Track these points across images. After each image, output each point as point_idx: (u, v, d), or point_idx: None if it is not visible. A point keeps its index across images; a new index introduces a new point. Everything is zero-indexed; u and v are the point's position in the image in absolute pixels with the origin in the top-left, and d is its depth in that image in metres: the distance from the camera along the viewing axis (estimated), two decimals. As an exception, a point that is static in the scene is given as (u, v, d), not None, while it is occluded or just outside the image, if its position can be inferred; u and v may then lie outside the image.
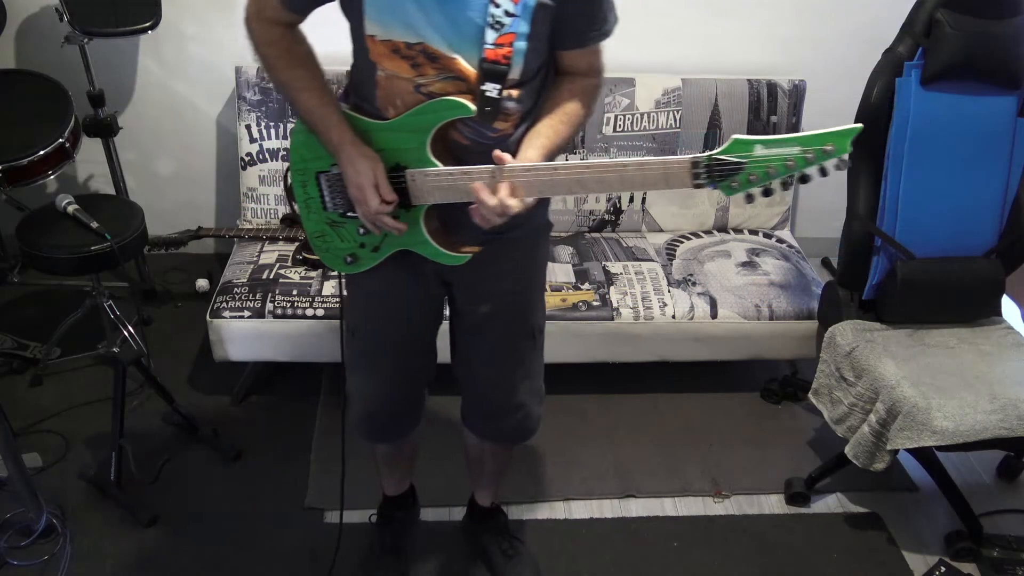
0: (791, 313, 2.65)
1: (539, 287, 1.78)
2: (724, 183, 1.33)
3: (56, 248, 2.35)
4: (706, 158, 1.32)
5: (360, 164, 1.45)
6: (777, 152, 1.29)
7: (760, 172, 1.30)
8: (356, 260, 1.64)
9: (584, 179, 1.41)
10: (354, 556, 2.15)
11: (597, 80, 1.54)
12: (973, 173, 2.27)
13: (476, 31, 1.35)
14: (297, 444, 2.53)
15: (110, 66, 2.93)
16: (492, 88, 1.38)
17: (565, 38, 1.44)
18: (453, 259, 1.57)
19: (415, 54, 1.38)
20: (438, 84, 1.41)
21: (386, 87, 1.44)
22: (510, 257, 1.65)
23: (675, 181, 1.36)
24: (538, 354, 1.82)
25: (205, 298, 2.95)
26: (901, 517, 2.42)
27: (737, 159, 1.31)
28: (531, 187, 1.42)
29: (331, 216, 1.61)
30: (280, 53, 1.47)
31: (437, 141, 1.46)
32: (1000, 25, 2.16)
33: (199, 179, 3.25)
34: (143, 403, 2.61)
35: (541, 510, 2.37)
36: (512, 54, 1.37)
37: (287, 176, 1.67)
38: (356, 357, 1.80)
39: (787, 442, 2.66)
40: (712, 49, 3.07)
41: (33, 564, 2.13)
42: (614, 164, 1.39)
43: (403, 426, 1.93)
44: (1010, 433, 2.05)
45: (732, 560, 2.27)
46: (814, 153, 1.28)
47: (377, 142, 1.49)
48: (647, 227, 3.07)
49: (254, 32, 1.47)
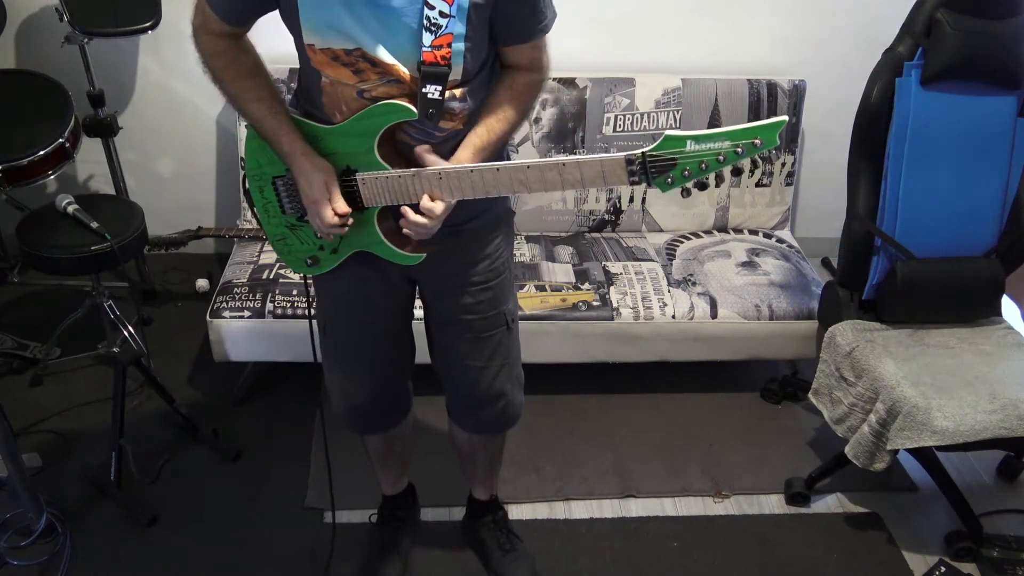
0: (791, 313, 2.65)
1: (507, 274, 1.79)
2: (659, 179, 1.36)
3: (56, 248, 2.35)
4: (640, 155, 1.35)
5: (312, 177, 1.47)
6: (708, 147, 1.33)
7: (693, 167, 1.34)
8: (316, 262, 1.65)
9: (526, 178, 1.43)
10: (354, 556, 2.15)
11: (539, 76, 1.54)
12: (973, 173, 2.27)
13: (411, 35, 1.37)
14: (297, 444, 2.53)
15: (110, 66, 2.93)
16: (433, 90, 1.40)
17: (504, 35, 1.46)
18: (408, 259, 1.58)
19: (354, 60, 1.40)
20: (381, 88, 1.42)
21: (331, 93, 1.46)
22: (472, 249, 1.67)
23: (612, 178, 1.39)
24: (514, 341, 1.83)
25: (205, 298, 2.95)
26: (901, 517, 2.42)
27: (670, 155, 1.34)
28: (474, 187, 1.45)
29: (289, 220, 1.63)
30: (226, 64, 1.48)
31: (385, 143, 1.48)
32: (1000, 25, 2.16)
33: (199, 179, 3.25)
34: (143, 403, 2.61)
35: (541, 510, 2.37)
36: (451, 55, 1.38)
37: (244, 181, 1.67)
38: (330, 354, 1.82)
39: (787, 442, 2.66)
40: (712, 49, 3.07)
41: (33, 564, 2.13)
42: (552, 163, 1.42)
43: (388, 417, 1.94)
44: (1010, 433, 2.05)
45: (732, 560, 2.27)
46: (743, 147, 1.32)
47: (327, 146, 1.51)
48: (647, 227, 3.07)
49: (200, 44, 1.48)
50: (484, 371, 1.81)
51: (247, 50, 1.51)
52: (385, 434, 1.98)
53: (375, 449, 2.05)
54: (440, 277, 1.69)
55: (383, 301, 1.74)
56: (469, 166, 1.45)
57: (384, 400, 1.90)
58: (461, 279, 1.70)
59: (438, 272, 1.67)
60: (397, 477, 2.16)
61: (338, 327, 1.77)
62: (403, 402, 1.95)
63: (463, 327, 1.75)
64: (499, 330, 1.78)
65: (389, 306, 1.76)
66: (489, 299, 1.74)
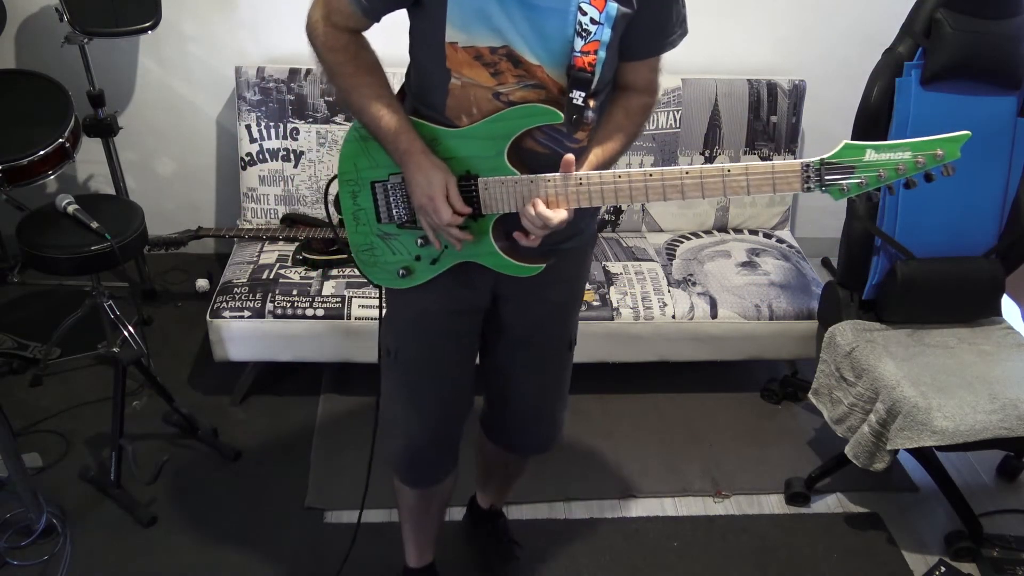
0: (791, 313, 2.65)
1: (581, 298, 1.77)
2: (834, 188, 1.34)
3: (56, 248, 2.35)
4: (817, 162, 1.33)
5: (432, 174, 1.41)
6: (888, 157, 1.31)
7: (871, 177, 1.32)
8: (410, 273, 1.56)
9: (680, 185, 1.39)
10: (355, 557, 2.15)
11: (651, 99, 1.52)
12: (973, 173, 2.27)
13: (565, 40, 1.34)
14: (297, 444, 2.53)
15: (110, 66, 2.93)
16: (578, 96, 1.36)
17: (633, 47, 1.43)
18: (524, 270, 1.51)
19: (498, 59, 1.36)
20: (519, 92, 1.38)
21: (460, 96, 1.41)
22: (561, 268, 1.60)
23: (782, 186, 1.36)
24: (570, 363, 1.81)
25: (205, 298, 2.95)
26: (901, 517, 2.42)
27: (848, 163, 1.32)
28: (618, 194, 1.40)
29: (385, 228, 1.55)
30: (347, 59, 1.42)
31: (511, 150, 1.42)
32: (1000, 25, 2.16)
33: (199, 179, 3.25)
34: (143, 403, 2.61)
35: (541, 510, 2.37)
36: (596, 62, 1.36)
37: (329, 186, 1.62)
38: (397, 384, 1.71)
39: (787, 442, 2.66)
40: (712, 49, 3.06)
41: (33, 564, 2.13)
42: (716, 169, 1.37)
43: (444, 465, 1.83)
44: (1010, 433, 2.05)
45: (732, 560, 2.27)
46: (925, 158, 1.30)
47: (446, 150, 1.45)
48: (647, 227, 3.07)
49: (319, 38, 1.42)
50: (545, 392, 1.79)
51: (367, 47, 1.45)
52: (433, 488, 1.86)
53: (412, 506, 1.92)
54: (526, 294, 1.61)
55: (466, 321, 1.66)
56: (617, 171, 1.40)
57: (444, 442, 1.79)
58: (544, 298, 1.64)
59: (526, 289, 1.58)
60: (427, 542, 2.02)
61: (413, 348, 1.66)
62: (456, 448, 1.83)
63: (531, 346, 1.71)
64: (564, 352, 1.76)
65: (470, 326, 1.67)
66: (563, 320, 1.72)
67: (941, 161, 1.31)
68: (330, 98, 2.84)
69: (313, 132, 2.88)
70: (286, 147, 2.89)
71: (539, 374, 1.77)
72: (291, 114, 2.86)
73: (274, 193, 2.93)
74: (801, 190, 1.35)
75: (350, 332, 2.52)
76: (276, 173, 2.91)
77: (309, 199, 2.94)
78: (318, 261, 2.66)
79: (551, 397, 1.82)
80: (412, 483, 1.84)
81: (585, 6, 1.32)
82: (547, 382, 1.79)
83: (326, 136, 2.88)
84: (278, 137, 2.88)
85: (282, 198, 2.93)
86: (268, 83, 2.82)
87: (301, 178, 2.92)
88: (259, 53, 2.95)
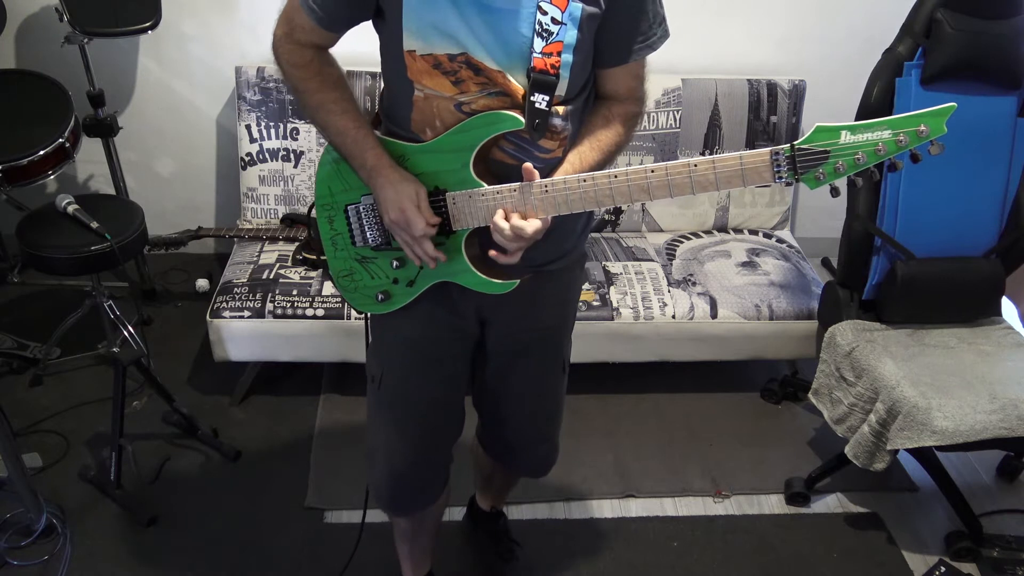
0: (791, 313, 2.65)
1: (572, 319, 1.71)
2: (808, 175, 1.23)
3: (56, 248, 2.35)
4: (788, 148, 1.23)
5: (401, 187, 1.37)
6: (865, 137, 1.21)
7: (848, 160, 1.22)
8: (389, 297, 1.53)
9: (647, 184, 1.31)
10: (355, 557, 2.15)
11: (636, 108, 1.45)
12: (973, 173, 2.27)
13: (523, 43, 1.29)
14: (297, 444, 2.53)
15: (110, 66, 2.93)
16: (541, 99, 1.30)
17: (608, 52, 1.37)
18: (498, 287, 1.44)
19: (457, 67, 1.31)
20: (481, 100, 1.33)
21: (423, 108, 1.37)
22: (548, 290, 1.57)
23: (752, 177, 1.26)
24: (564, 386, 1.78)
25: (205, 298, 2.95)
26: (901, 517, 2.42)
27: (821, 148, 1.22)
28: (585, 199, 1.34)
29: (361, 252, 1.52)
30: (311, 75, 1.40)
31: (480, 161, 1.37)
32: (1000, 25, 2.16)
33: (199, 179, 3.25)
34: (143, 403, 2.61)
35: (541, 510, 2.37)
36: (560, 65, 1.30)
37: (310, 212, 1.60)
38: (381, 410, 1.66)
39: (787, 442, 2.66)
40: (712, 49, 3.07)
41: (33, 564, 2.13)
42: (681, 165, 1.29)
43: (430, 493, 1.78)
44: (1010, 433, 2.05)
45: (732, 560, 2.27)
46: (907, 136, 1.20)
47: (413, 166, 1.41)
48: (647, 227, 3.07)
49: (283, 54, 1.40)
50: (536, 415, 1.76)
51: (331, 63, 1.42)
52: (421, 513, 1.83)
53: (404, 529, 1.90)
54: (513, 318, 1.57)
55: (451, 346, 1.60)
56: (581, 175, 1.33)
57: (429, 469, 1.74)
58: (532, 321, 1.60)
59: (513, 312, 1.54)
60: (422, 556, 2.00)
61: (397, 374, 1.61)
62: (446, 474, 1.79)
63: (524, 370, 1.66)
64: (556, 376, 1.73)
65: (456, 352, 1.62)
66: (554, 343, 1.68)
67: (926, 138, 1.20)
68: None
69: (313, 132, 2.88)
70: (286, 147, 2.89)
71: (530, 399, 1.73)
72: (291, 114, 2.86)
73: (274, 193, 2.93)
74: (772, 181, 1.26)
75: (350, 332, 2.52)
76: (276, 173, 2.92)
77: (309, 199, 2.94)
78: (318, 261, 2.65)
79: (544, 421, 1.79)
80: (394, 512, 1.81)
81: (545, 5, 1.26)
82: (539, 407, 1.76)
83: (326, 136, 2.88)
84: (278, 137, 2.88)
85: (282, 198, 2.93)
86: (268, 83, 2.82)
87: (301, 178, 2.92)
88: (259, 53, 2.95)
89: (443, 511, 1.93)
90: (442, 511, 1.92)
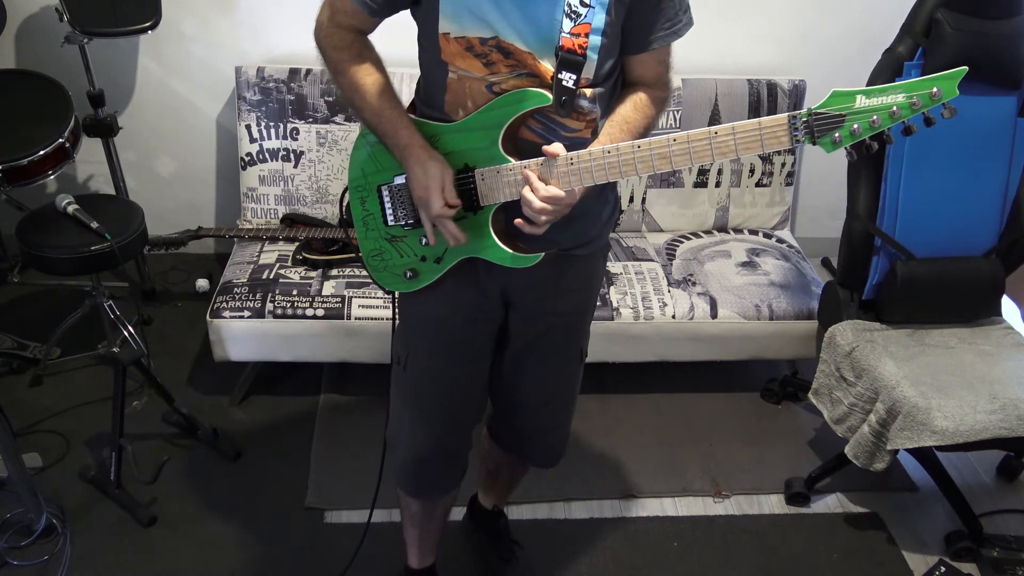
0: (791, 313, 2.65)
1: (592, 308, 1.74)
2: (825, 138, 1.29)
3: (56, 248, 2.35)
4: (805, 113, 1.29)
5: (429, 166, 1.42)
6: (880, 101, 1.27)
7: (864, 124, 1.27)
8: (416, 275, 1.57)
9: (668, 153, 1.36)
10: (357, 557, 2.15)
11: (663, 93, 1.51)
12: (973, 173, 2.27)
13: (552, 24, 1.34)
14: (297, 444, 2.53)
15: (110, 66, 2.93)
16: (568, 77, 1.35)
17: (635, 38, 1.42)
18: (523, 260, 1.49)
19: (488, 50, 1.37)
20: (511, 81, 1.39)
21: (456, 89, 1.42)
22: (572, 276, 1.61)
23: (771, 142, 1.32)
24: (580, 375, 1.80)
25: (205, 298, 2.95)
26: (901, 517, 2.42)
27: (837, 111, 1.28)
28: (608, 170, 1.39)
29: (391, 231, 1.57)
30: (351, 57, 1.46)
31: (507, 140, 1.43)
32: (1000, 25, 2.16)
33: (199, 179, 3.25)
34: (143, 403, 2.61)
35: (541, 510, 2.37)
36: (587, 46, 1.35)
37: (343, 197, 1.63)
38: (406, 393, 1.70)
39: (787, 442, 2.66)
40: (712, 49, 3.06)
41: (33, 564, 2.13)
42: (703, 133, 1.34)
43: (451, 477, 1.82)
44: (1010, 433, 2.05)
45: (732, 560, 2.27)
46: (920, 98, 1.26)
47: (444, 145, 1.46)
48: (647, 227, 3.07)
49: (324, 37, 1.46)
50: (552, 403, 1.78)
51: (370, 47, 1.49)
52: (438, 499, 1.87)
53: (415, 513, 1.90)
54: (536, 301, 1.61)
55: (476, 328, 1.63)
56: (606, 147, 1.39)
57: (451, 453, 1.77)
58: (554, 307, 1.63)
59: (536, 295, 1.59)
60: (431, 545, 2.01)
61: (423, 355, 1.65)
62: (466, 459, 1.82)
63: (543, 356, 1.69)
64: (573, 364, 1.75)
65: (481, 334, 1.65)
66: (574, 330, 1.71)
67: (938, 100, 1.26)
68: (330, 98, 2.84)
69: (313, 132, 2.88)
70: (286, 147, 2.89)
71: (546, 386, 1.75)
72: (291, 114, 2.86)
73: (274, 193, 2.93)
74: (791, 145, 1.31)
75: (350, 332, 2.52)
76: (276, 173, 2.91)
77: (309, 199, 2.94)
78: (318, 261, 2.66)
79: (559, 408, 1.80)
80: (415, 494, 1.83)
81: None
82: (554, 394, 1.77)
83: (326, 136, 2.88)
84: (278, 137, 2.88)
85: (282, 198, 2.93)
86: (268, 83, 2.82)
87: (301, 178, 2.92)
88: (259, 53, 2.95)
89: (454, 500, 1.95)
90: (453, 500, 1.94)
